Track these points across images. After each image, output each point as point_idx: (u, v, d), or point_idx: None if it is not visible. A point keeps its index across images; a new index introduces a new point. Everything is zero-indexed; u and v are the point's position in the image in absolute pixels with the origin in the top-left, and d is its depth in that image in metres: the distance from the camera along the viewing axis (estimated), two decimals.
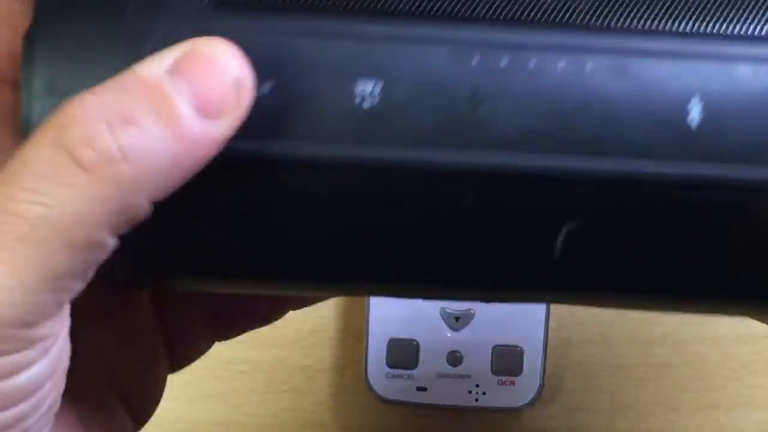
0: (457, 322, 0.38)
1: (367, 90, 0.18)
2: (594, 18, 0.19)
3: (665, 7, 0.19)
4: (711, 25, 0.19)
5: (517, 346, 0.38)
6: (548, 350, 0.39)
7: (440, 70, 0.18)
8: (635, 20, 0.19)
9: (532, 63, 0.18)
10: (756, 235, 0.19)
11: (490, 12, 0.19)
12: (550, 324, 0.39)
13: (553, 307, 0.39)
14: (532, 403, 0.38)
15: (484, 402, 0.38)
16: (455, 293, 0.24)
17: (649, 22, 0.19)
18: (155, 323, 0.26)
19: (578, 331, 0.41)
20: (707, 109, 0.18)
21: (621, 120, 0.18)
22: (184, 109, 0.18)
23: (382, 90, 0.18)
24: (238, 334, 0.28)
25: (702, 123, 0.18)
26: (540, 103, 0.18)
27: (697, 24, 0.19)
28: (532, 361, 0.38)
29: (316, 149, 0.19)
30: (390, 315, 0.38)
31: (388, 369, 0.38)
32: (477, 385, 0.38)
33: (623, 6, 0.19)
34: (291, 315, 0.41)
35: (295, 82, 0.18)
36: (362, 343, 0.39)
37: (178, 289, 0.24)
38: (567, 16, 0.19)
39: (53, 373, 0.20)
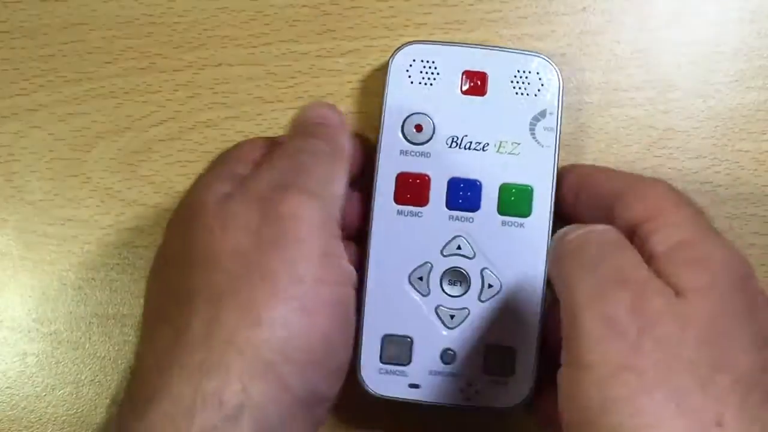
0: (452, 320, 0.38)
1: None
2: None
3: None
4: None
5: (510, 347, 0.38)
6: (542, 351, 0.38)
7: None
8: None
9: None
10: None
11: None
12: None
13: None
14: (523, 404, 0.38)
15: (476, 401, 0.38)
16: None
17: None
18: None
19: None
20: None
21: None
22: None
23: None
24: None
25: None
26: None
27: None
28: (524, 362, 0.38)
29: None
30: (385, 310, 0.38)
31: (380, 365, 0.38)
32: (469, 384, 0.38)
33: None
34: None
35: None
36: (356, 338, 0.38)
37: None
38: None
39: None
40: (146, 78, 0.43)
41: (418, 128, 0.38)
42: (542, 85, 0.38)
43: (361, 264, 0.38)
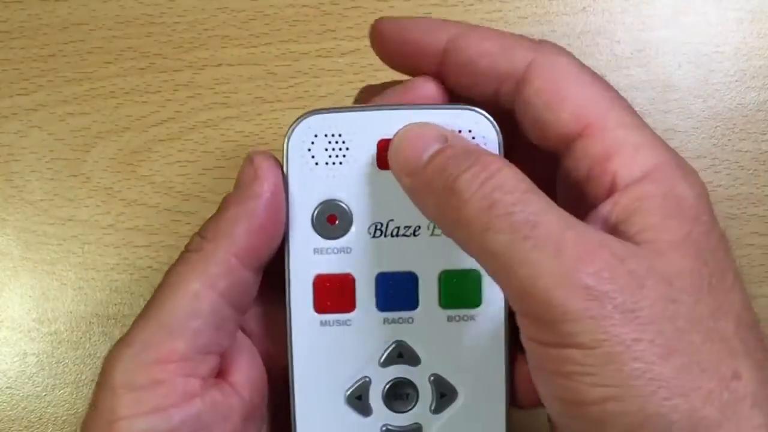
0: None
1: None
2: None
3: None
4: None
5: None
6: None
7: None
8: None
9: None
10: None
11: None
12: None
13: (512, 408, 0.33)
14: None
15: None
16: None
17: None
18: None
19: None
20: None
21: None
22: None
23: None
24: None
25: None
26: None
27: None
28: None
29: None
30: None
31: None
32: None
33: None
34: None
35: None
36: None
37: None
38: None
39: None
40: (146, 78, 0.43)
41: (332, 219, 0.31)
42: (477, 144, 0.30)
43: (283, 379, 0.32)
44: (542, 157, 0.30)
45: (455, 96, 0.31)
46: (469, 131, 0.30)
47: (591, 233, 0.25)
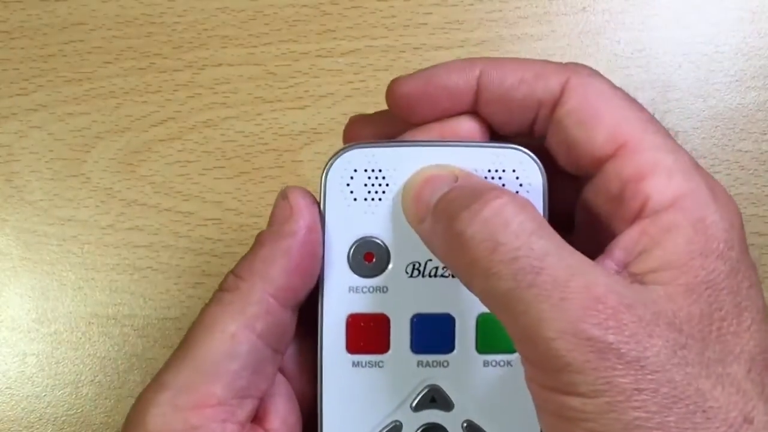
0: None
1: None
2: None
3: None
4: None
5: None
6: None
7: None
8: None
9: None
10: None
11: None
12: None
13: None
14: None
15: None
16: None
17: None
18: None
19: None
20: None
21: None
22: None
23: None
24: None
25: None
26: None
27: None
28: None
29: None
30: None
31: None
32: None
33: None
34: None
35: None
36: None
37: None
38: None
39: None
40: (146, 78, 0.43)
41: (369, 257, 0.30)
42: (521, 185, 0.30)
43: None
44: (562, 184, 0.30)
45: (493, 135, 0.30)
46: (513, 171, 0.29)
47: (598, 278, 0.25)
